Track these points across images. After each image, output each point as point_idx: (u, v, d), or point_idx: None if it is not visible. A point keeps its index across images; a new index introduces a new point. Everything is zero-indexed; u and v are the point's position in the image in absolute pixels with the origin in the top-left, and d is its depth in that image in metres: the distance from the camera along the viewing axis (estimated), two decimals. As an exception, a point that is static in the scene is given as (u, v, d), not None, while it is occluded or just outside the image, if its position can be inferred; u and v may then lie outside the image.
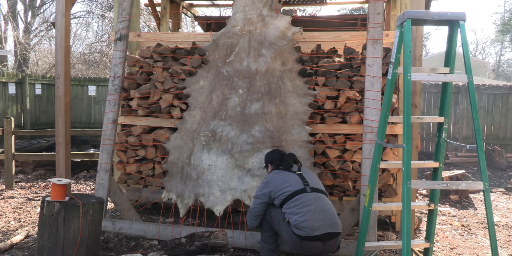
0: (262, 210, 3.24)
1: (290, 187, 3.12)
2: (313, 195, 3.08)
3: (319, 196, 3.10)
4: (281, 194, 3.11)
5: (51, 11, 19.64)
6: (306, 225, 2.93)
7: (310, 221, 2.94)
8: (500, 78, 28.06)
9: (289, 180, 3.18)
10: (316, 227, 2.93)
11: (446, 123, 3.12)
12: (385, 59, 3.90)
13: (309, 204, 3.01)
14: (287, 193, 3.10)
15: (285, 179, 3.19)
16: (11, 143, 6.07)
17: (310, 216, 2.95)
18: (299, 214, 2.97)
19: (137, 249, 3.73)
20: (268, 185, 3.22)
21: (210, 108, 4.04)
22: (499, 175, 8.24)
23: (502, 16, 30.58)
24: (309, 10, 14.78)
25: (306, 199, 3.04)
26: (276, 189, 3.15)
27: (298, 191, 3.09)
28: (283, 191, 3.11)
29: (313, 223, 2.93)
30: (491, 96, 9.89)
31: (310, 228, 2.92)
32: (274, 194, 3.15)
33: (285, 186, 3.13)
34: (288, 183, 3.15)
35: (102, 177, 4.08)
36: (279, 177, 3.23)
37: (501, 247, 4.14)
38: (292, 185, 3.14)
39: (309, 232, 2.92)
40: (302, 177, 3.22)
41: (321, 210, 3.00)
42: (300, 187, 3.12)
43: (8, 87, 10.30)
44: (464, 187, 2.91)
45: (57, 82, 4.27)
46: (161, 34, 4.72)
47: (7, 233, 4.18)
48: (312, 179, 3.24)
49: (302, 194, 3.07)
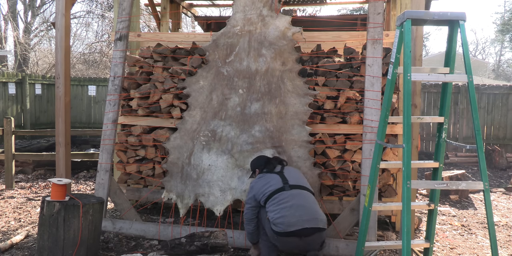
0: (253, 214, 3.32)
1: (271, 187, 3.24)
2: (290, 192, 3.18)
3: (298, 193, 3.19)
4: (263, 195, 3.23)
5: (51, 11, 19.65)
6: (281, 221, 3.01)
7: (285, 217, 3.02)
8: (500, 78, 28.07)
9: (270, 181, 3.30)
10: (291, 223, 2.99)
11: (446, 123, 3.12)
12: (385, 59, 3.90)
13: (285, 201, 3.11)
14: (267, 193, 3.21)
15: (266, 181, 3.31)
16: (11, 143, 6.07)
17: (286, 213, 3.04)
18: (275, 211, 3.08)
19: (137, 249, 3.73)
20: (252, 189, 3.35)
21: (210, 108, 4.04)
22: (499, 175, 8.24)
23: (502, 16, 30.58)
24: (309, 10, 14.77)
25: (283, 196, 3.14)
26: (259, 191, 3.27)
27: (277, 190, 3.20)
28: (264, 192, 3.23)
29: (288, 219, 3.00)
30: (491, 96, 9.89)
31: (285, 224, 3.00)
32: (258, 196, 3.27)
33: (266, 187, 3.25)
34: (269, 184, 3.27)
35: (102, 177, 4.08)
36: (261, 180, 3.35)
37: (501, 247, 4.14)
38: (272, 185, 3.25)
39: (284, 228, 3.00)
40: (283, 176, 3.33)
41: (298, 206, 3.07)
42: (280, 186, 3.23)
43: (8, 87, 10.30)
44: (464, 187, 2.91)
45: (57, 82, 4.27)
46: (161, 34, 4.72)
47: (7, 233, 4.18)
48: (293, 177, 3.34)
49: (280, 192, 3.18)
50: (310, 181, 3.84)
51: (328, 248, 3.60)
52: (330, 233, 3.72)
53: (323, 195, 4.08)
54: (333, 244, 3.62)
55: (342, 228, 3.75)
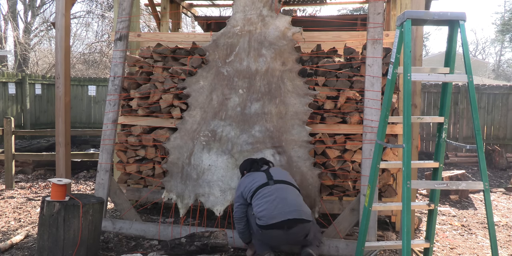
0: (243, 212, 3.37)
1: (256, 183, 3.31)
2: (274, 186, 3.24)
3: (281, 187, 3.24)
4: (249, 192, 3.29)
5: (51, 11, 19.65)
6: (263, 214, 3.06)
7: (267, 210, 3.07)
8: (500, 78, 28.07)
9: (255, 178, 3.38)
10: (273, 215, 3.04)
11: (446, 123, 3.12)
12: (385, 59, 3.90)
13: (269, 195, 3.17)
14: (252, 189, 3.28)
15: (252, 178, 3.41)
16: (11, 143, 6.06)
17: (268, 206, 3.09)
18: (258, 205, 3.14)
19: (137, 249, 3.73)
20: (239, 187, 3.45)
21: (210, 108, 4.04)
22: (499, 175, 8.24)
23: (502, 16, 30.59)
24: (309, 10, 14.76)
25: (267, 191, 3.21)
26: (246, 189, 3.33)
27: (261, 185, 3.27)
28: (250, 188, 3.30)
29: (270, 212, 3.05)
30: (491, 96, 9.89)
31: (267, 216, 3.04)
32: (245, 193, 3.34)
33: (252, 184, 3.32)
34: (255, 181, 3.34)
35: (102, 177, 4.08)
36: (248, 178, 3.44)
37: (501, 247, 4.14)
38: (257, 181, 3.33)
39: (266, 220, 3.04)
40: (269, 173, 3.39)
41: (280, 199, 3.12)
42: (264, 181, 3.29)
43: (8, 87, 10.30)
44: (464, 187, 2.91)
45: (57, 82, 4.27)
46: (161, 34, 4.72)
47: (7, 233, 4.18)
48: (278, 174, 3.41)
49: (264, 187, 3.24)
50: (310, 181, 3.84)
51: (328, 248, 3.60)
52: (330, 233, 3.72)
53: (323, 195, 4.08)
54: (333, 244, 3.62)
55: (342, 228, 3.75)
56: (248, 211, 3.34)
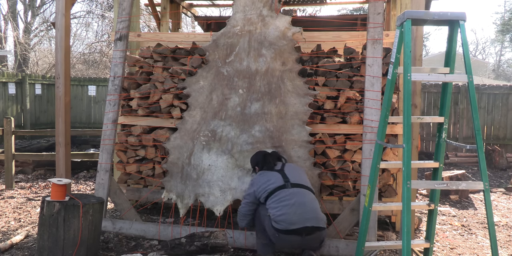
0: (249, 209, 3.38)
1: (272, 185, 3.27)
2: (292, 190, 3.21)
3: (299, 191, 3.21)
4: (264, 192, 3.27)
5: (51, 11, 19.65)
6: (283, 218, 3.04)
7: (287, 215, 3.05)
8: (500, 78, 28.07)
9: (271, 178, 3.33)
10: (293, 221, 3.03)
11: (446, 123, 3.12)
12: (385, 59, 3.90)
13: (287, 199, 3.14)
14: (268, 190, 3.25)
15: (267, 178, 3.34)
16: (11, 143, 6.06)
17: (287, 210, 3.07)
18: (276, 208, 3.11)
19: (137, 249, 3.73)
20: (252, 185, 3.40)
21: (210, 108, 4.04)
22: (499, 175, 8.24)
23: (502, 16, 30.59)
24: (309, 10, 14.76)
25: (284, 194, 3.18)
26: (260, 188, 3.30)
27: (278, 188, 3.24)
28: (265, 189, 3.27)
29: (290, 217, 3.04)
30: (491, 96, 9.88)
31: (287, 221, 3.03)
32: (258, 193, 3.31)
33: (267, 185, 3.29)
34: (270, 181, 3.30)
35: (102, 177, 4.08)
36: (262, 177, 3.39)
37: (501, 247, 4.14)
38: (273, 183, 3.29)
39: (286, 225, 3.03)
40: (284, 174, 3.36)
41: (299, 204, 3.10)
42: (281, 183, 3.26)
43: (8, 87, 10.30)
44: (464, 187, 2.91)
45: (57, 82, 4.27)
46: (161, 34, 4.72)
47: (7, 233, 4.18)
48: (294, 176, 3.36)
49: (282, 190, 3.21)
50: (311, 181, 3.84)
51: (328, 248, 3.60)
52: (330, 233, 3.72)
53: (323, 195, 4.08)
54: (333, 244, 3.62)
55: (342, 228, 3.75)
56: (259, 211, 3.32)
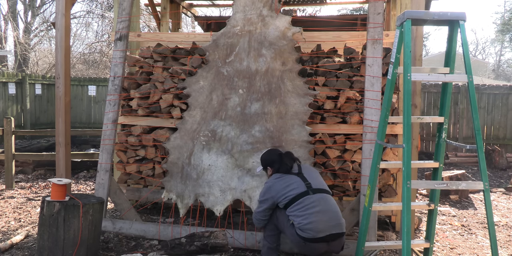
0: (266, 215, 3.23)
1: (293, 191, 3.10)
2: (316, 196, 3.07)
3: (322, 197, 3.09)
4: (284, 199, 3.10)
5: (51, 11, 19.64)
6: (310, 227, 2.94)
7: (315, 223, 2.95)
8: (500, 78, 28.08)
9: (291, 184, 3.15)
10: (320, 229, 2.95)
11: (446, 123, 3.12)
12: (385, 59, 3.90)
13: (312, 206, 3.01)
14: (290, 197, 3.09)
15: (287, 184, 3.16)
16: (11, 143, 6.07)
17: (314, 218, 2.96)
18: (302, 217, 2.98)
19: (137, 249, 3.73)
20: (270, 190, 3.19)
21: (210, 108, 4.04)
22: (499, 175, 8.24)
23: (502, 16, 30.58)
24: (309, 10, 14.76)
25: (309, 201, 3.04)
26: (279, 194, 3.13)
27: (301, 194, 3.08)
28: (286, 195, 3.10)
29: (317, 225, 2.95)
30: (491, 96, 9.88)
31: (315, 230, 2.94)
32: (277, 199, 3.14)
33: (287, 191, 3.12)
34: (291, 187, 3.13)
35: (102, 177, 4.08)
36: (280, 182, 3.19)
37: (501, 247, 4.14)
38: (294, 188, 3.12)
39: (313, 234, 2.94)
40: (304, 178, 3.20)
41: (325, 212, 3.01)
42: (303, 189, 3.10)
43: (8, 87, 10.30)
44: (464, 187, 2.91)
45: (57, 82, 4.27)
46: (161, 34, 4.72)
47: (7, 233, 4.18)
48: (314, 179, 3.23)
49: (305, 197, 3.06)
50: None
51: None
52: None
53: (323, 195, 4.08)
54: (333, 244, 3.61)
55: (342, 228, 3.74)
56: (277, 216, 3.18)
